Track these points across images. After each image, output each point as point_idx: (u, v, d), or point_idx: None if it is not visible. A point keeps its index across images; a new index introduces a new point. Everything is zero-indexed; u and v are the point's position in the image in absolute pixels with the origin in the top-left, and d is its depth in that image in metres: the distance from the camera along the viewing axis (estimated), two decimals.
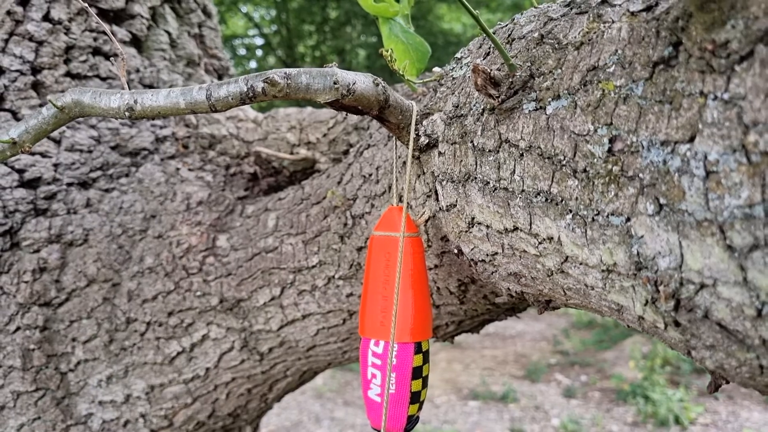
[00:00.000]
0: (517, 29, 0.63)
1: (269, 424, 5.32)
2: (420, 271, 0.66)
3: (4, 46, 1.16)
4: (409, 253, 0.65)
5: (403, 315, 0.64)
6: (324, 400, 5.87)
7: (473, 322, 0.97)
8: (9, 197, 1.14)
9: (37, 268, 1.14)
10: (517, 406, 5.45)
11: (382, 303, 0.66)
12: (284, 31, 10.77)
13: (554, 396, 5.66)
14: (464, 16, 9.95)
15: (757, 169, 0.36)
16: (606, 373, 6.06)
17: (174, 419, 1.19)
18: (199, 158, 1.33)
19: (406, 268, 0.65)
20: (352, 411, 5.59)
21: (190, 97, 0.62)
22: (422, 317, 0.66)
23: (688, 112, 0.40)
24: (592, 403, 5.40)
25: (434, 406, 5.56)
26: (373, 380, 0.66)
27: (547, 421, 5.10)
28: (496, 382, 5.98)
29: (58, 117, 0.66)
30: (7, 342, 1.12)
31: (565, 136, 0.50)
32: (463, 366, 6.64)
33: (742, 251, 0.37)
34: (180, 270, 1.15)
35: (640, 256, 0.44)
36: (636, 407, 5.07)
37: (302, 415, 5.53)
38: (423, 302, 0.66)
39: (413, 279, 0.65)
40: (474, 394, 5.72)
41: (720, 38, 0.38)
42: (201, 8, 1.49)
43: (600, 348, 6.79)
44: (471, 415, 5.36)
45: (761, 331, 0.38)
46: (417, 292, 0.65)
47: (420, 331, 0.65)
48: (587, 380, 5.97)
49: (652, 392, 5.06)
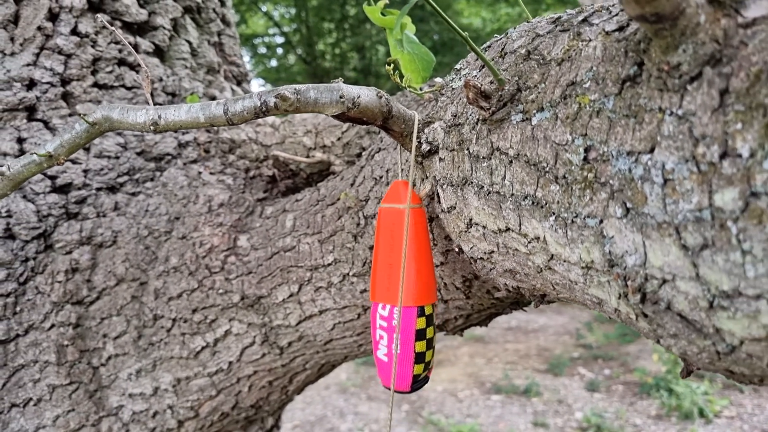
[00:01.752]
0: (510, 44, 0.67)
1: (294, 419, 5.41)
2: (423, 240, 0.71)
3: (35, 59, 1.23)
4: (412, 224, 0.70)
5: (407, 281, 0.69)
6: (348, 395, 5.94)
7: (480, 316, 1.01)
8: (42, 202, 1.21)
9: (69, 269, 1.21)
10: (540, 399, 5.47)
11: (388, 270, 0.71)
12: (304, 29, 10.85)
13: (577, 390, 5.67)
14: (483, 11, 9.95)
15: (705, 177, 0.41)
16: (629, 366, 6.06)
17: (200, 410, 1.25)
18: (219, 162, 1.39)
19: (410, 238, 0.70)
20: (376, 405, 5.66)
21: (209, 112, 0.68)
22: (424, 283, 0.71)
23: (649, 125, 0.45)
24: (616, 397, 5.41)
25: (457, 400, 5.61)
26: (381, 341, 0.72)
27: (570, 415, 5.12)
28: (519, 376, 6.01)
29: (90, 131, 0.72)
30: (43, 338, 1.19)
31: (547, 146, 0.55)
32: (485, 360, 6.67)
33: (694, 250, 0.42)
34: (203, 269, 1.21)
35: (612, 255, 0.49)
36: (660, 400, 5.07)
37: (326, 410, 5.61)
38: (426, 269, 0.71)
39: (416, 247, 0.70)
40: (497, 388, 5.75)
41: (673, 60, 0.43)
42: (220, 17, 1.56)
43: (623, 341, 6.78)
44: (494, 408, 5.39)
45: (714, 321, 0.43)
46: (420, 260, 0.70)
47: (422, 296, 0.70)
48: (610, 374, 5.97)
49: (676, 385, 5.05)
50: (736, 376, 0.47)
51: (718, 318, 0.42)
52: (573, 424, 4.93)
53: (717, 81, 0.40)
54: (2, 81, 1.19)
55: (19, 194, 1.19)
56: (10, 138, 1.20)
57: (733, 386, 5.17)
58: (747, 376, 0.46)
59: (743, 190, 0.38)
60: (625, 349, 6.55)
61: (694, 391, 4.88)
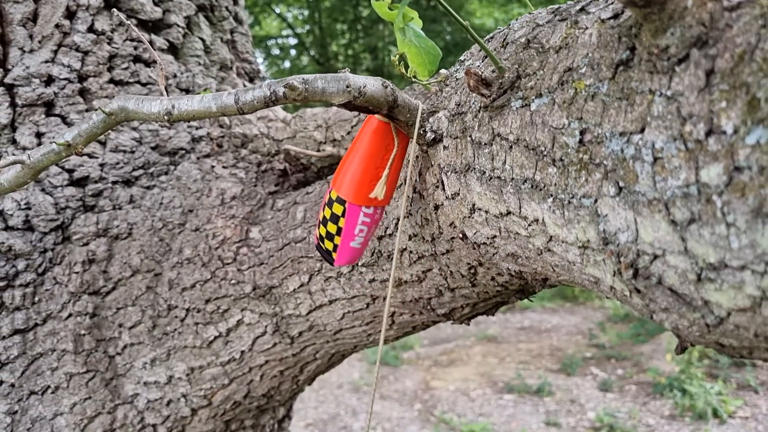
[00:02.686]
0: (511, 34, 0.69)
1: (307, 417, 5.44)
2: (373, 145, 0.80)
3: (53, 56, 1.26)
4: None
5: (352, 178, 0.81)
6: (361, 394, 5.96)
7: (487, 305, 1.03)
8: (60, 195, 1.24)
9: (86, 260, 1.24)
10: (553, 399, 5.46)
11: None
12: (317, 31, 10.90)
13: (590, 389, 5.66)
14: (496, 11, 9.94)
15: (692, 154, 0.42)
16: (642, 366, 6.03)
17: (213, 399, 1.28)
18: (232, 156, 1.42)
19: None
20: (389, 405, 5.68)
21: (221, 102, 0.71)
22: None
23: (640, 107, 0.47)
24: (629, 397, 5.39)
25: (470, 400, 5.62)
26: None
27: (582, 415, 5.11)
28: (532, 376, 6.00)
29: (107, 121, 0.75)
30: (61, 328, 1.23)
31: (545, 130, 0.57)
32: (498, 360, 6.67)
33: (682, 224, 0.44)
34: (216, 260, 1.24)
35: (606, 233, 0.50)
36: (673, 400, 5.05)
37: (339, 408, 5.64)
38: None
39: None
40: (509, 388, 5.75)
41: (662, 44, 0.45)
42: (233, 16, 1.59)
43: (636, 341, 6.75)
44: (506, 408, 5.40)
45: (702, 293, 0.44)
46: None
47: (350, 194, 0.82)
48: (623, 374, 5.95)
49: (690, 385, 5.02)
50: (726, 349, 0.49)
51: (706, 290, 0.44)
52: (585, 424, 4.93)
53: (703, 62, 0.42)
54: (21, 77, 1.22)
55: (37, 187, 1.22)
56: (29, 132, 1.23)
57: (748, 386, 5.14)
58: (736, 349, 0.48)
59: (727, 165, 0.40)
60: (639, 349, 6.52)
61: (707, 392, 4.85)
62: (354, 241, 0.85)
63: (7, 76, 1.22)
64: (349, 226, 0.83)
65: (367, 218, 0.83)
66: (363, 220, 0.83)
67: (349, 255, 0.87)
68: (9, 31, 1.23)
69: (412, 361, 6.91)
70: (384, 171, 0.79)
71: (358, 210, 0.82)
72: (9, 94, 1.22)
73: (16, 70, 1.22)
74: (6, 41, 1.23)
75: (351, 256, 0.87)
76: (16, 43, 1.23)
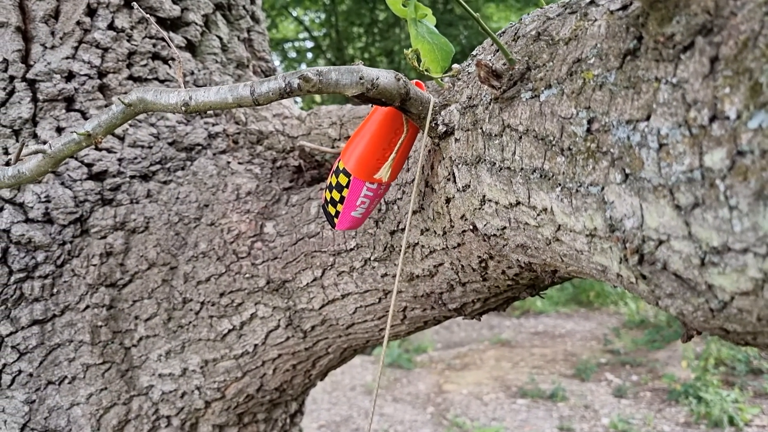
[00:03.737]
0: (522, 28, 0.70)
1: (320, 419, 5.46)
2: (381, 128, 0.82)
3: (74, 52, 1.29)
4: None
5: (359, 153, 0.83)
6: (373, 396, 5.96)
7: (498, 300, 1.04)
8: (79, 188, 1.26)
9: (104, 253, 1.27)
10: (567, 404, 5.44)
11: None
12: (333, 34, 10.95)
13: (604, 395, 5.63)
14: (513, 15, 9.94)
15: (696, 139, 0.43)
16: (657, 372, 5.99)
17: (226, 392, 1.29)
18: (248, 152, 1.44)
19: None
20: (401, 407, 5.68)
21: (237, 93, 0.72)
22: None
23: (646, 94, 0.47)
24: (643, 403, 5.36)
25: (483, 404, 5.61)
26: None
27: (596, 421, 5.09)
28: (545, 381, 5.98)
29: (126, 112, 0.77)
30: (78, 319, 1.25)
31: (554, 120, 0.58)
32: (511, 364, 6.65)
33: (686, 209, 0.44)
34: (231, 254, 1.26)
35: (612, 219, 0.51)
36: (688, 407, 5.01)
37: (352, 411, 5.65)
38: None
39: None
40: (522, 392, 5.74)
41: (668, 32, 0.45)
42: (250, 14, 1.61)
43: (652, 347, 6.71)
44: (519, 413, 5.38)
45: (706, 277, 0.45)
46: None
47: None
48: (638, 380, 5.91)
49: (705, 392, 4.98)
50: (731, 335, 0.49)
51: (710, 274, 0.44)
52: (599, 430, 4.90)
53: (708, 49, 0.43)
54: (43, 73, 1.25)
55: (57, 180, 1.25)
56: (49, 127, 1.26)
57: (765, 394, 5.09)
58: (740, 335, 0.48)
59: (730, 149, 0.41)
60: (654, 356, 6.48)
61: (724, 399, 4.81)
62: (355, 212, 0.89)
63: (29, 72, 1.24)
64: (351, 198, 0.87)
65: (369, 192, 0.86)
66: (365, 194, 0.86)
67: (350, 222, 0.91)
68: (31, 27, 1.26)
69: (425, 364, 6.91)
70: (391, 154, 0.81)
71: (362, 184, 0.85)
72: (31, 89, 1.25)
73: (37, 65, 1.25)
74: (28, 37, 1.26)
75: (352, 224, 0.92)
76: (38, 39, 1.26)
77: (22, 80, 1.24)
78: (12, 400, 1.21)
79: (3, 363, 1.21)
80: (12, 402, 1.21)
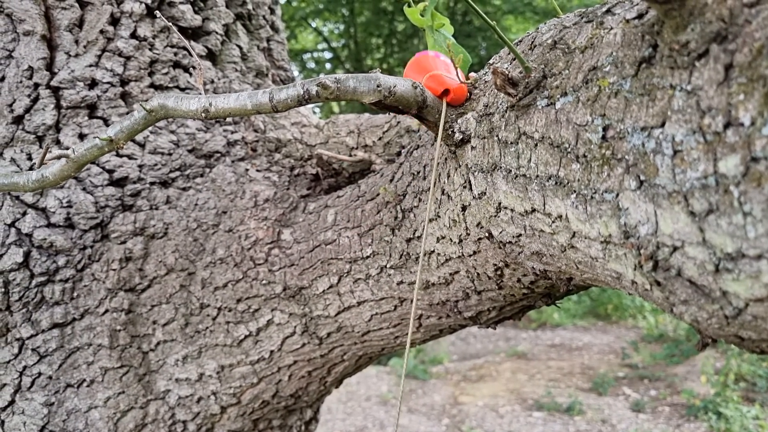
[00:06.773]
0: (539, 36, 0.71)
1: (335, 429, 5.45)
2: None
3: (97, 60, 1.31)
4: None
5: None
6: (389, 407, 5.95)
7: (513, 309, 1.04)
8: (100, 194, 1.28)
9: (123, 258, 1.28)
10: (583, 418, 5.39)
11: None
12: (352, 45, 11.02)
13: (622, 410, 5.57)
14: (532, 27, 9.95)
15: (710, 146, 0.43)
16: (676, 387, 5.92)
17: (242, 397, 1.30)
18: (266, 160, 1.45)
19: None
20: (416, 418, 5.66)
21: (256, 100, 0.73)
22: None
23: (661, 101, 0.48)
24: (662, 418, 5.29)
25: (498, 416, 5.57)
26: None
27: None
28: (562, 394, 5.93)
29: (147, 118, 0.78)
30: (97, 323, 1.27)
31: (569, 127, 0.58)
32: (528, 377, 6.61)
33: (701, 215, 0.44)
34: (248, 261, 1.27)
35: (627, 226, 0.51)
36: (708, 423, 4.94)
37: (367, 421, 5.64)
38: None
39: None
40: (539, 405, 5.69)
41: (683, 39, 0.46)
42: (269, 24, 1.63)
43: (670, 362, 6.63)
44: (535, 426, 5.34)
45: (720, 284, 0.45)
46: None
47: None
48: (657, 395, 5.85)
49: (725, 408, 4.92)
50: (745, 343, 0.49)
51: (724, 281, 0.45)
52: None
53: (722, 57, 0.43)
54: (67, 80, 1.27)
55: (79, 186, 1.27)
56: (72, 134, 1.28)
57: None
58: (755, 342, 0.48)
59: (744, 156, 0.41)
60: (673, 370, 6.40)
61: (744, 415, 4.75)
62: None
63: (54, 79, 1.27)
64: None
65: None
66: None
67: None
68: (56, 36, 1.28)
69: (440, 375, 6.89)
70: None
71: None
72: (54, 96, 1.27)
73: (61, 73, 1.27)
74: (53, 46, 1.28)
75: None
76: (63, 47, 1.28)
77: (46, 87, 1.27)
78: (31, 402, 1.23)
79: (23, 365, 1.23)
80: (31, 404, 1.23)
